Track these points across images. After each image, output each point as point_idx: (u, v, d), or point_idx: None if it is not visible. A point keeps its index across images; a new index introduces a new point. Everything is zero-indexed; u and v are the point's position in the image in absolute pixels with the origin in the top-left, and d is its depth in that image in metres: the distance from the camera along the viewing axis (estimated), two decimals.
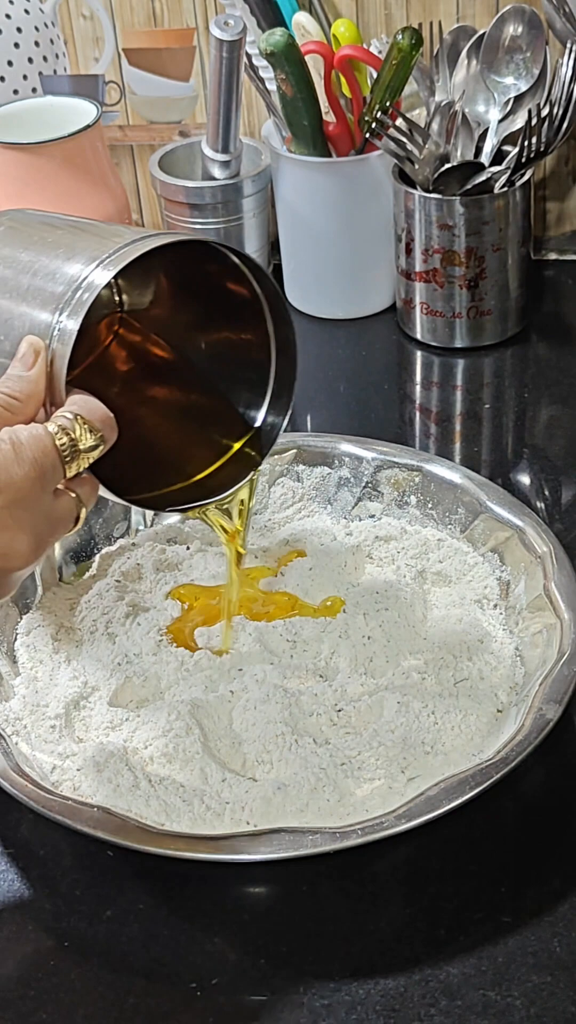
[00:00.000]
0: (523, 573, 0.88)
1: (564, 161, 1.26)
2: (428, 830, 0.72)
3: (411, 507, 0.96)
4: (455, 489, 0.94)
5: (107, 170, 1.19)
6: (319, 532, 0.95)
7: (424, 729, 0.79)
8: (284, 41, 1.09)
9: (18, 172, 1.15)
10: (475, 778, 0.73)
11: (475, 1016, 0.68)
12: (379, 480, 0.97)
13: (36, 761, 0.79)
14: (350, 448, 0.99)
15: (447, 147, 1.12)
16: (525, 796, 0.79)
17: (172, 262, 0.79)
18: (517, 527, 0.90)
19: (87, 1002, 0.70)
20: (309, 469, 0.99)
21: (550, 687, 0.78)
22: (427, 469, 0.96)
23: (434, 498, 0.95)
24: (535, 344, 1.20)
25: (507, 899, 0.73)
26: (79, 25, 1.27)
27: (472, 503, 0.93)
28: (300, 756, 0.77)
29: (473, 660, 0.84)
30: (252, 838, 0.72)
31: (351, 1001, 0.69)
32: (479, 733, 0.79)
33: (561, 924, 0.71)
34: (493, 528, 0.91)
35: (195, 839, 0.72)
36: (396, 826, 0.71)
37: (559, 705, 0.77)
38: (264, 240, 1.27)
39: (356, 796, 0.76)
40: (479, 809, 0.76)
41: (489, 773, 0.73)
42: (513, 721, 0.78)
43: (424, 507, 0.96)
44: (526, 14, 1.13)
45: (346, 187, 1.19)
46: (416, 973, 0.70)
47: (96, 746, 0.79)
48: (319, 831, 0.71)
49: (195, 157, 1.25)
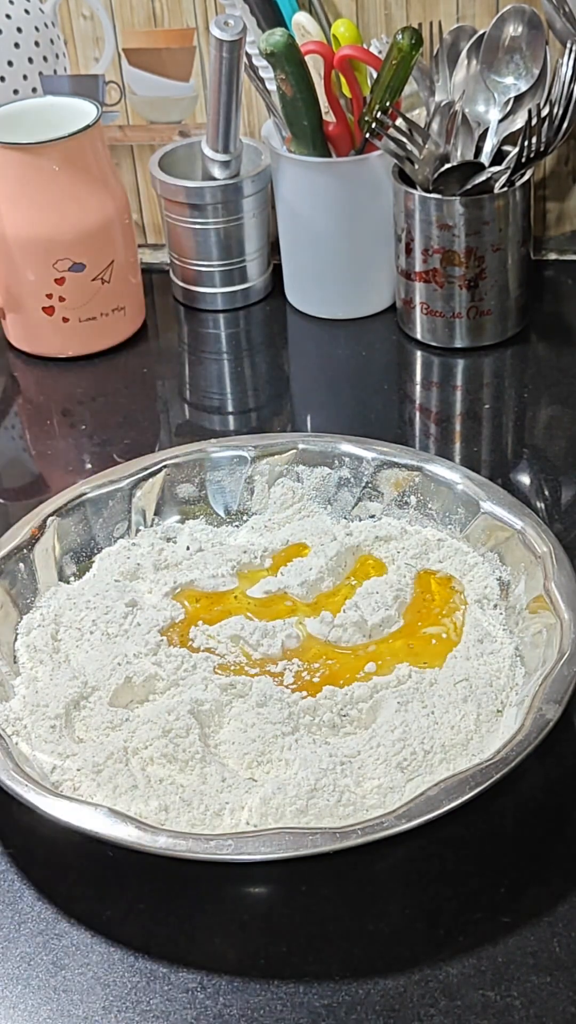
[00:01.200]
0: (523, 573, 0.88)
1: (564, 161, 1.26)
2: (428, 830, 0.72)
3: (411, 507, 0.96)
4: (455, 489, 0.94)
5: (107, 170, 1.19)
6: (319, 532, 0.95)
7: (423, 729, 0.79)
8: (284, 41, 1.09)
9: (18, 172, 1.15)
10: (475, 778, 0.73)
11: (474, 1016, 0.68)
12: (379, 480, 0.97)
13: (36, 761, 0.79)
14: (350, 448, 0.99)
15: (447, 147, 1.12)
16: (525, 796, 0.79)
17: None
18: (517, 527, 0.90)
19: (87, 1002, 0.70)
20: (309, 469, 0.99)
21: (550, 687, 0.78)
22: (427, 469, 0.96)
23: (434, 498, 0.95)
24: (535, 344, 1.20)
25: (507, 899, 0.73)
26: (79, 25, 1.27)
27: (472, 503, 0.93)
28: (300, 756, 0.77)
29: (472, 660, 0.84)
30: (253, 838, 0.72)
31: (351, 1001, 0.69)
32: (478, 733, 0.79)
33: (561, 924, 0.71)
34: (493, 528, 0.91)
35: (195, 838, 0.72)
36: (396, 826, 0.71)
37: (559, 705, 0.77)
38: (264, 240, 1.27)
39: (355, 795, 0.76)
40: (479, 809, 0.77)
41: (489, 773, 0.73)
42: (513, 721, 0.78)
43: (424, 507, 0.96)
44: (526, 14, 1.13)
45: (346, 187, 1.19)
46: (416, 973, 0.70)
47: (96, 746, 0.79)
48: (319, 831, 0.71)
49: (195, 157, 1.25)
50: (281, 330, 1.26)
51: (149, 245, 1.37)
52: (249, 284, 1.27)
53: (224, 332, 1.26)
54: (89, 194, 1.17)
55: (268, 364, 1.23)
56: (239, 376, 1.22)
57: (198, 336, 1.26)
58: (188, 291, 1.28)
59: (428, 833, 0.74)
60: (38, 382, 1.21)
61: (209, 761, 0.78)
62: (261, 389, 1.19)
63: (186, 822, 0.75)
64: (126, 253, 1.21)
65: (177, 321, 1.28)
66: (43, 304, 1.19)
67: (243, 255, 1.26)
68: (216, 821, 0.75)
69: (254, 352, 1.25)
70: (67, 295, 1.19)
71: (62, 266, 1.17)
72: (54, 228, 1.16)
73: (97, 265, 1.19)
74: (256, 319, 1.27)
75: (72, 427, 1.15)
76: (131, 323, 1.25)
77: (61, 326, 1.21)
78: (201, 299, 1.28)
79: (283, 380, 1.21)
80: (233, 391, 1.20)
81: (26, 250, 1.17)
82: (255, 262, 1.27)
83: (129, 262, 1.22)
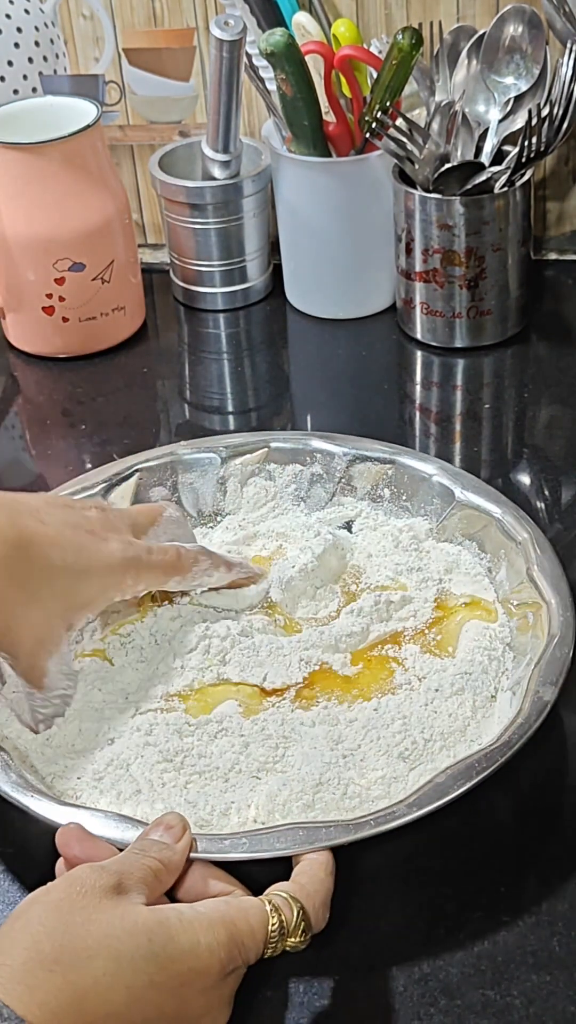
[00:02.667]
0: (503, 560, 0.89)
1: (564, 161, 1.27)
2: (428, 830, 0.72)
3: (385, 500, 0.96)
4: (428, 480, 0.95)
5: (107, 170, 1.19)
6: (295, 529, 0.95)
7: (422, 719, 0.79)
8: (284, 41, 1.10)
9: (18, 172, 1.15)
10: (480, 763, 0.73)
11: (474, 1016, 0.68)
12: (352, 475, 0.97)
13: (37, 771, 0.79)
14: (321, 444, 0.98)
15: (447, 147, 1.12)
16: (524, 796, 0.79)
17: None
18: (495, 516, 0.91)
19: None
20: (281, 467, 0.99)
21: (544, 670, 0.78)
22: (400, 461, 0.96)
23: (408, 490, 0.96)
24: (535, 344, 1.20)
25: (507, 899, 0.73)
26: (79, 25, 1.27)
27: (447, 493, 0.94)
28: (302, 752, 0.77)
29: (463, 647, 0.85)
30: (267, 834, 0.71)
31: (351, 1001, 0.69)
32: (475, 719, 0.80)
33: (561, 924, 0.71)
34: (471, 517, 0.92)
35: (209, 839, 0.71)
36: (408, 814, 0.71)
37: (555, 687, 0.77)
38: (264, 240, 1.27)
39: (360, 787, 0.76)
40: (479, 809, 0.77)
41: (494, 757, 0.73)
42: (508, 706, 0.79)
43: (399, 499, 0.96)
44: (526, 14, 1.14)
45: (346, 187, 1.19)
46: (416, 973, 0.70)
47: (96, 755, 0.79)
48: (333, 824, 0.71)
49: (195, 157, 1.25)
50: (281, 330, 1.26)
51: (149, 245, 1.37)
52: (249, 284, 1.27)
53: (224, 332, 1.26)
54: (89, 194, 1.17)
55: (268, 364, 1.23)
56: (239, 376, 1.22)
57: (198, 336, 1.26)
58: (188, 291, 1.28)
59: (428, 833, 0.74)
60: (38, 382, 1.21)
61: (211, 762, 0.78)
62: (261, 389, 1.19)
63: (193, 823, 0.74)
64: (126, 253, 1.21)
65: (177, 321, 1.28)
66: (43, 304, 1.19)
67: (243, 255, 1.26)
68: (223, 821, 0.75)
69: (254, 352, 1.25)
70: (67, 295, 1.19)
71: (62, 266, 1.17)
72: (54, 228, 1.16)
73: (97, 265, 1.19)
74: (256, 319, 1.27)
75: (72, 427, 1.15)
76: (131, 323, 1.25)
77: (61, 326, 1.21)
78: (201, 299, 1.28)
79: (283, 380, 1.21)
80: (233, 391, 1.20)
81: (26, 250, 1.17)
82: (255, 262, 1.27)
83: (129, 262, 1.22)
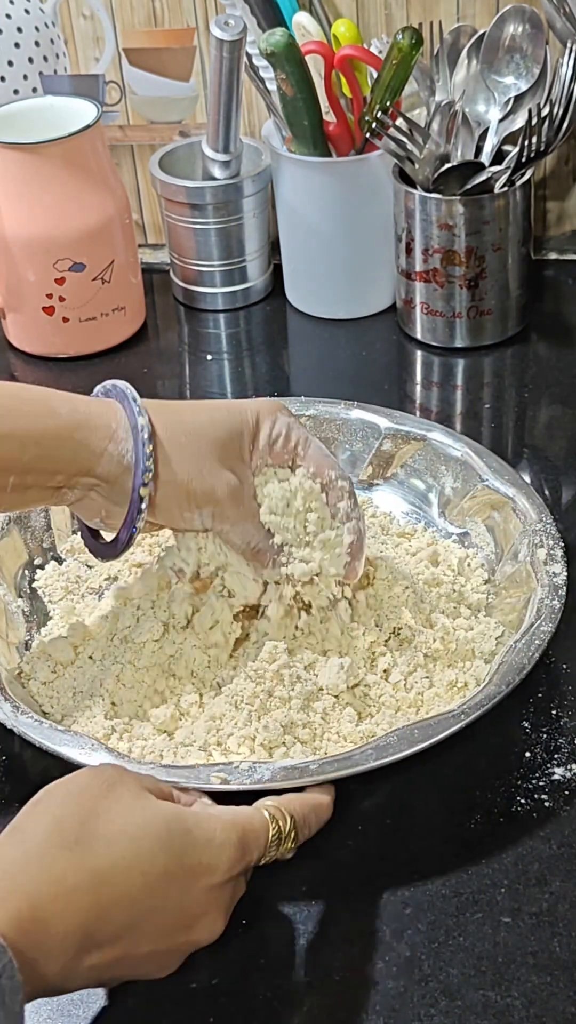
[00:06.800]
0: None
1: (564, 161, 1.27)
2: (428, 830, 0.72)
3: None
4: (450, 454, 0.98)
5: (107, 170, 1.19)
6: None
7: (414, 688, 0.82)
8: (284, 41, 1.09)
9: (18, 172, 1.15)
10: (466, 713, 0.76)
11: (475, 1016, 0.68)
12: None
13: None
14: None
15: (447, 147, 1.12)
16: (524, 795, 0.79)
17: None
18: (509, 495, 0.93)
19: (87, 1002, 0.70)
20: None
21: (522, 643, 0.81)
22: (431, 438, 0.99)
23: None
24: (535, 344, 1.20)
25: (506, 899, 0.73)
26: (79, 25, 1.27)
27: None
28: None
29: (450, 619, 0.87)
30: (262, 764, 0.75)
31: (351, 1001, 0.69)
32: (463, 692, 0.83)
33: (561, 924, 0.71)
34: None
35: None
36: (402, 750, 0.74)
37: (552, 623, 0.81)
38: (264, 240, 1.27)
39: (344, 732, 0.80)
40: (479, 809, 0.77)
41: (481, 703, 0.77)
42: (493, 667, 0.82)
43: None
44: (526, 14, 1.14)
45: (346, 187, 1.19)
46: (416, 973, 0.70)
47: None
48: (327, 759, 0.74)
49: (195, 157, 1.25)
50: (281, 330, 1.26)
51: (149, 245, 1.37)
52: (249, 284, 1.27)
53: (224, 332, 1.26)
54: (89, 194, 1.17)
55: (268, 364, 1.23)
56: (239, 376, 1.22)
57: (198, 336, 1.26)
58: (188, 291, 1.28)
59: (428, 832, 0.74)
60: (38, 382, 1.20)
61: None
62: (261, 389, 1.19)
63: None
64: (126, 253, 1.21)
65: (177, 321, 1.28)
66: (43, 304, 1.19)
67: (243, 255, 1.26)
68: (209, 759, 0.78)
69: (254, 352, 1.25)
70: (67, 295, 1.19)
71: (62, 266, 1.17)
72: (54, 228, 1.16)
73: (97, 265, 1.19)
74: (256, 319, 1.27)
75: None
76: (131, 323, 1.25)
77: (61, 326, 1.21)
78: (201, 299, 1.28)
79: (283, 380, 1.21)
80: (233, 391, 1.20)
81: (26, 250, 1.17)
82: (255, 262, 1.27)
83: (129, 262, 1.22)
